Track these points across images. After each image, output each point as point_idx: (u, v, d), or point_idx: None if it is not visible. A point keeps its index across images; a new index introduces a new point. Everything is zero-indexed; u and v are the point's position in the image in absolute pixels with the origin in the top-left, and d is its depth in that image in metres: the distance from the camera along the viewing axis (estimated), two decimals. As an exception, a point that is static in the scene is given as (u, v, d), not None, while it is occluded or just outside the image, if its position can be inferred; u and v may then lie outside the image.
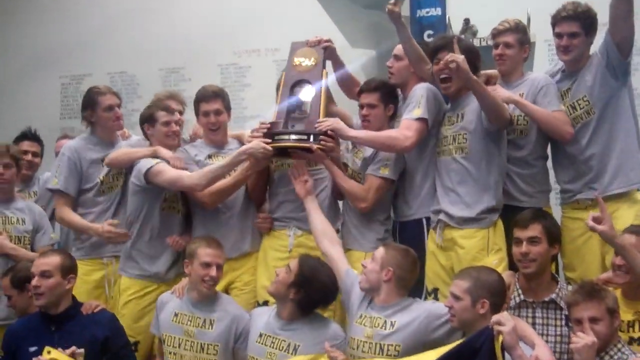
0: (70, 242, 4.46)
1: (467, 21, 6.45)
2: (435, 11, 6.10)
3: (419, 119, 3.76)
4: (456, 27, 6.63)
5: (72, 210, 4.12)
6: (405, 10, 6.35)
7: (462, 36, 6.35)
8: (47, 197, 4.60)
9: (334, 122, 3.69)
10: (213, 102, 4.10)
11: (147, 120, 4.16)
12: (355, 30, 7.47)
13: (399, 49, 4.00)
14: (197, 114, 4.16)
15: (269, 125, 3.83)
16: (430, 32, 6.08)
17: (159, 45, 8.48)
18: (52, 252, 3.80)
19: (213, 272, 3.59)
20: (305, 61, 4.04)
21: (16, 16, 9.02)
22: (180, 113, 4.27)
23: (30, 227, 4.20)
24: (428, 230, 3.89)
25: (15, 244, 4.13)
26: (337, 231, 4.03)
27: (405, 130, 3.75)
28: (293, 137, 3.81)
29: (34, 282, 3.49)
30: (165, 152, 3.95)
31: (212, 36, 8.24)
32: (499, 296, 3.24)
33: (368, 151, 3.97)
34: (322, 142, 3.75)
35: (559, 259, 3.82)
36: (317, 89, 3.94)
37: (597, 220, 3.02)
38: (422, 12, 6.07)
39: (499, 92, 3.70)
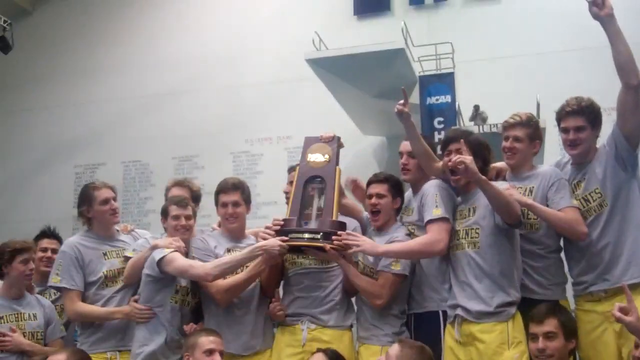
0: (71, 339, 4.41)
1: (476, 107, 6.54)
2: (445, 99, 6.20)
3: (442, 219, 3.74)
4: (466, 114, 6.73)
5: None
6: (415, 98, 6.47)
7: (472, 122, 6.43)
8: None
9: (363, 243, 3.66)
10: (232, 193, 4.11)
11: (162, 213, 4.19)
12: (366, 118, 7.57)
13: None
14: (216, 204, 4.18)
15: (282, 222, 3.83)
16: (440, 119, 6.17)
17: (172, 134, 8.63)
18: (65, 351, 3.75)
19: (217, 358, 3.52)
20: (319, 157, 4.05)
21: (35, 111, 9.26)
22: (189, 200, 4.28)
23: (42, 322, 4.18)
24: (444, 323, 3.81)
25: (28, 339, 4.10)
26: (351, 326, 3.96)
27: (435, 234, 3.71)
28: (307, 235, 3.79)
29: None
30: (161, 241, 3.96)
31: (224, 125, 8.39)
32: None
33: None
34: (335, 242, 3.74)
35: (576, 353, 3.74)
36: (330, 185, 3.94)
37: (623, 310, 2.95)
38: (432, 100, 6.17)
39: (518, 196, 3.69)
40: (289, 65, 7.93)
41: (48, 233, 4.60)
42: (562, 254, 3.84)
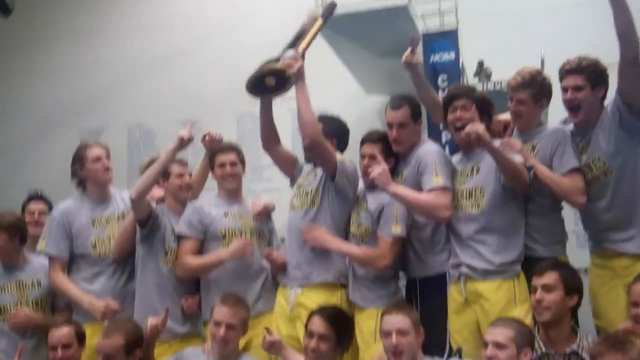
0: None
1: (481, 64, 6.47)
2: (449, 56, 6.12)
3: (444, 188, 3.70)
4: (470, 71, 6.66)
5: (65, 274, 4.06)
6: (418, 55, 6.39)
7: (477, 79, 6.37)
8: None
9: (376, 174, 3.63)
10: (229, 153, 4.12)
11: (163, 175, 4.16)
12: (370, 77, 7.51)
13: (402, 115, 3.90)
14: (212, 167, 4.17)
15: None
16: (444, 76, 6.10)
17: (175, 97, 8.58)
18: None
19: (221, 331, 3.51)
20: (310, 16, 4.23)
21: (34, 74, 9.19)
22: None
23: (46, 289, 4.18)
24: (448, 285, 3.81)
25: (33, 308, 4.10)
26: (342, 286, 3.94)
27: (443, 199, 3.67)
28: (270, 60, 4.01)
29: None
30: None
31: (227, 87, 8.30)
32: (532, 347, 3.18)
33: (372, 205, 3.88)
34: (283, 63, 3.82)
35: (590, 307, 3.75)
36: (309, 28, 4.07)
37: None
38: (436, 57, 6.09)
39: (527, 154, 3.65)
40: (291, 24, 7.82)
41: (35, 196, 4.58)
42: (563, 212, 3.83)
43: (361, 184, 4.03)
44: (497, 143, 3.66)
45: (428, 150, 3.86)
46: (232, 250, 3.88)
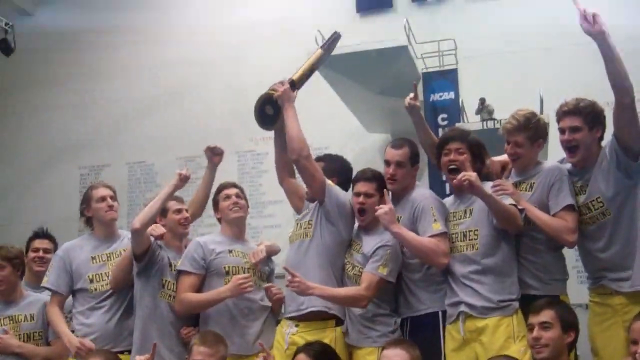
0: None
1: (482, 100, 6.53)
2: (449, 95, 6.20)
3: (443, 234, 3.72)
4: (470, 109, 6.72)
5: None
6: (419, 95, 6.45)
7: (478, 116, 6.42)
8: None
9: (382, 212, 3.63)
10: (232, 188, 4.14)
11: (161, 213, 4.19)
12: (371, 115, 7.57)
13: (401, 155, 3.93)
14: (216, 205, 4.20)
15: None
16: (444, 115, 6.16)
17: (176, 135, 8.64)
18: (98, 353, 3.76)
19: None
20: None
21: (36, 112, 9.28)
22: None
23: (40, 322, 4.20)
24: (444, 323, 3.79)
25: (24, 340, 4.12)
26: (337, 322, 3.93)
27: (442, 246, 3.69)
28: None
29: None
30: None
31: (228, 124, 8.39)
32: None
33: (367, 247, 3.88)
34: (273, 86, 3.93)
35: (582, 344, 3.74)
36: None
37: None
38: (436, 97, 6.16)
39: (518, 196, 3.66)
40: (292, 63, 7.89)
41: (40, 234, 4.63)
42: (565, 249, 3.83)
43: (356, 225, 4.04)
44: (489, 185, 3.68)
45: (424, 195, 3.87)
46: (232, 286, 3.87)
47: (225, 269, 3.97)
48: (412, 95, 3.95)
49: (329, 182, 3.90)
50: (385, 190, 3.81)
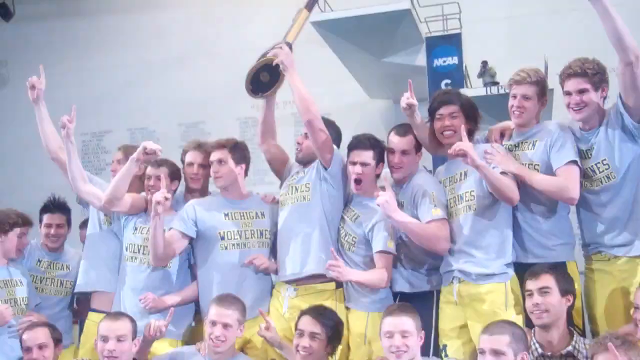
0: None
1: (484, 63, 6.47)
2: (452, 60, 6.13)
3: (444, 220, 3.72)
4: (474, 75, 6.66)
5: None
6: (421, 60, 6.40)
7: (481, 79, 6.37)
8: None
9: (383, 200, 3.61)
10: (216, 151, 4.10)
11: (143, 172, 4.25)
12: (373, 81, 7.51)
13: (406, 142, 3.89)
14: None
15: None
16: (448, 81, 6.10)
17: (177, 101, 8.59)
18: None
19: (217, 330, 3.51)
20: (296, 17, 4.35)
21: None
22: (203, 166, 4.25)
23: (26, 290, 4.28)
24: (437, 303, 3.80)
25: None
26: (337, 285, 3.92)
27: (444, 231, 3.69)
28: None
29: (109, 345, 3.47)
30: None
31: (230, 90, 8.29)
32: (527, 349, 3.18)
33: (366, 218, 3.87)
34: (273, 52, 3.91)
35: (585, 311, 3.74)
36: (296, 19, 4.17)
37: None
38: (439, 62, 6.10)
39: (508, 164, 3.63)
40: (294, 27, 7.84)
41: (51, 207, 4.60)
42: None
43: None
44: (483, 148, 3.66)
45: (424, 180, 3.86)
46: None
47: (220, 234, 3.98)
48: (407, 94, 3.89)
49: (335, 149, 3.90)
50: (368, 156, 3.80)
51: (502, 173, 3.59)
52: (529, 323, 3.49)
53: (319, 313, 3.53)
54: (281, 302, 3.91)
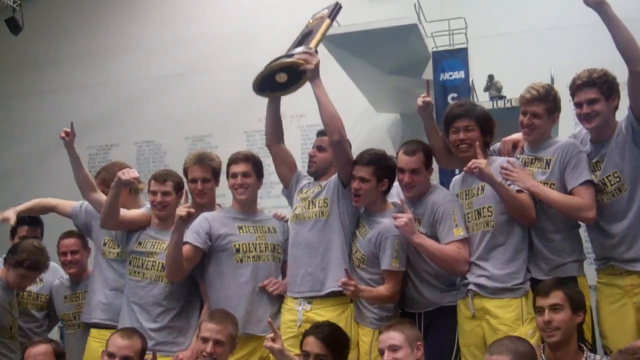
0: None
1: (490, 77, 6.50)
2: (459, 74, 6.13)
3: (463, 240, 3.70)
4: (480, 89, 6.67)
5: None
6: (428, 74, 6.41)
7: (487, 93, 6.38)
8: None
9: (402, 223, 3.59)
10: (242, 164, 4.09)
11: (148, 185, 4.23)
12: (380, 95, 7.53)
13: (415, 161, 3.85)
14: (227, 177, 4.16)
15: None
16: (454, 95, 6.10)
17: (184, 115, 8.63)
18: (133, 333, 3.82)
19: (208, 347, 3.49)
20: (315, 17, 4.18)
21: (45, 93, 9.27)
22: (206, 180, 4.24)
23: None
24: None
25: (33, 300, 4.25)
26: (351, 301, 3.91)
27: (464, 253, 3.67)
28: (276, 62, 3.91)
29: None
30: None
31: (237, 104, 8.35)
32: None
33: (372, 233, 3.85)
34: (295, 56, 3.76)
35: (595, 327, 3.71)
36: (316, 28, 4.03)
37: None
38: (446, 76, 6.11)
39: (525, 181, 3.62)
40: (301, 42, 7.87)
41: (27, 220, 4.60)
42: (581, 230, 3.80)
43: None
44: (499, 163, 3.65)
45: (444, 198, 3.82)
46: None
47: (235, 246, 3.97)
48: (424, 95, 3.88)
49: None
50: (368, 171, 3.79)
51: (519, 191, 3.57)
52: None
53: (324, 334, 3.50)
54: (294, 315, 3.88)
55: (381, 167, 3.85)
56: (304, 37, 4.04)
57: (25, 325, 4.41)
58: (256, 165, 4.10)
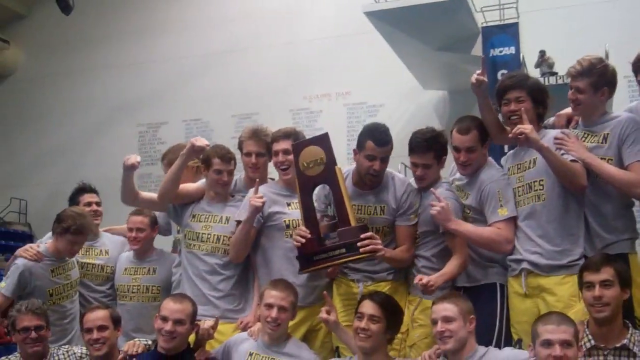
0: None
1: (542, 53, 6.35)
2: (509, 50, 6.01)
3: (509, 219, 3.64)
4: (531, 65, 6.53)
5: None
6: (477, 50, 6.30)
7: (538, 69, 6.24)
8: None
9: (436, 212, 3.56)
10: (282, 142, 4.07)
11: (204, 161, 4.22)
12: (427, 71, 7.43)
13: (470, 140, 3.77)
14: (269, 155, 4.17)
15: (303, 241, 3.75)
16: (504, 71, 5.98)
17: (232, 93, 8.66)
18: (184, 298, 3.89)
19: (274, 313, 3.55)
20: (312, 163, 3.92)
21: (97, 71, 9.40)
22: (261, 154, 4.25)
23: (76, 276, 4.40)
24: (502, 295, 3.74)
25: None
26: (406, 278, 3.92)
27: (505, 233, 3.62)
28: (332, 253, 3.73)
29: (168, 327, 3.56)
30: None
31: (283, 82, 8.36)
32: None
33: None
34: (362, 250, 3.67)
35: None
36: (335, 191, 3.83)
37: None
38: (496, 52, 5.99)
39: (579, 152, 3.53)
40: (348, 19, 7.81)
41: (87, 189, 4.72)
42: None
43: None
44: (552, 135, 3.57)
45: (491, 177, 3.75)
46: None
47: (285, 222, 3.99)
48: (479, 71, 3.80)
49: None
50: (429, 158, 3.73)
51: (573, 161, 3.50)
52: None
53: (380, 299, 3.54)
54: (353, 290, 3.90)
55: (440, 147, 3.82)
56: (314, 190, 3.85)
57: (92, 295, 4.53)
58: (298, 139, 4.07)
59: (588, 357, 3.13)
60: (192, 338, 3.69)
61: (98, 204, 4.61)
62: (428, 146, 3.76)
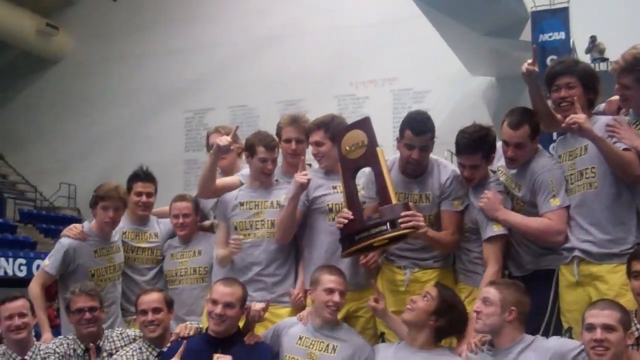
0: None
1: (593, 38, 6.23)
2: (559, 35, 5.90)
3: (561, 209, 3.58)
4: (581, 51, 6.41)
5: None
6: (527, 35, 6.20)
7: (589, 55, 6.11)
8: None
9: (483, 204, 3.52)
10: (316, 132, 4.07)
11: (248, 149, 4.21)
12: (474, 57, 7.34)
13: (520, 136, 3.70)
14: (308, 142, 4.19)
15: (346, 221, 3.74)
16: (554, 57, 5.88)
17: (277, 79, 8.69)
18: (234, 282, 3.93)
19: (336, 297, 3.56)
20: (354, 147, 3.90)
21: (145, 58, 9.52)
22: (300, 141, 4.25)
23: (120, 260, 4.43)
24: (557, 280, 3.69)
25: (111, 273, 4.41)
26: (453, 266, 3.90)
27: (556, 224, 3.55)
28: (373, 231, 3.69)
29: (218, 310, 3.61)
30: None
31: (329, 68, 8.35)
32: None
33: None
34: (403, 226, 3.63)
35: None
36: (377, 172, 3.79)
37: None
38: (545, 37, 5.89)
39: (632, 139, 3.44)
40: (394, 4, 7.76)
41: (142, 176, 4.67)
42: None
43: None
44: (603, 121, 3.50)
45: (544, 167, 3.68)
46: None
47: (328, 206, 4.00)
48: (530, 61, 3.73)
49: None
50: (476, 159, 3.70)
51: (625, 149, 3.42)
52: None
53: (445, 287, 3.55)
54: (397, 276, 3.90)
55: (488, 147, 3.77)
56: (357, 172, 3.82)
57: (141, 279, 4.57)
58: (330, 130, 4.04)
59: (637, 346, 3.09)
60: (242, 323, 3.75)
61: (149, 194, 4.59)
62: (475, 147, 3.70)
